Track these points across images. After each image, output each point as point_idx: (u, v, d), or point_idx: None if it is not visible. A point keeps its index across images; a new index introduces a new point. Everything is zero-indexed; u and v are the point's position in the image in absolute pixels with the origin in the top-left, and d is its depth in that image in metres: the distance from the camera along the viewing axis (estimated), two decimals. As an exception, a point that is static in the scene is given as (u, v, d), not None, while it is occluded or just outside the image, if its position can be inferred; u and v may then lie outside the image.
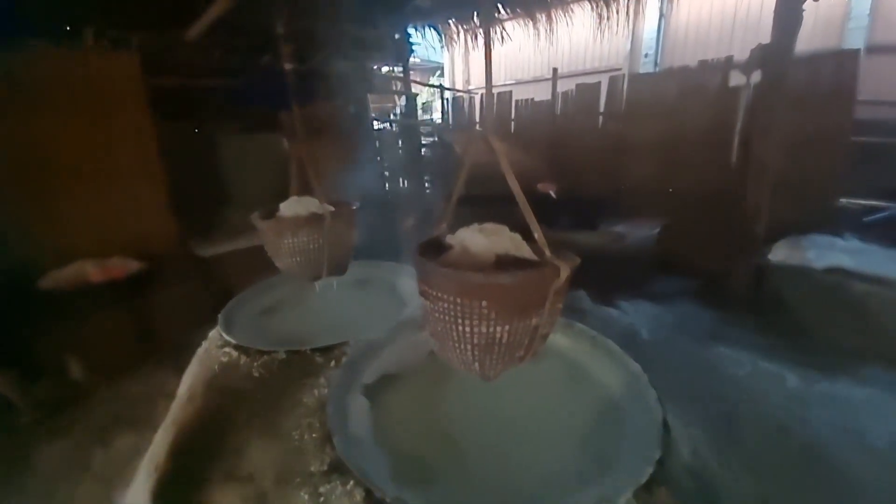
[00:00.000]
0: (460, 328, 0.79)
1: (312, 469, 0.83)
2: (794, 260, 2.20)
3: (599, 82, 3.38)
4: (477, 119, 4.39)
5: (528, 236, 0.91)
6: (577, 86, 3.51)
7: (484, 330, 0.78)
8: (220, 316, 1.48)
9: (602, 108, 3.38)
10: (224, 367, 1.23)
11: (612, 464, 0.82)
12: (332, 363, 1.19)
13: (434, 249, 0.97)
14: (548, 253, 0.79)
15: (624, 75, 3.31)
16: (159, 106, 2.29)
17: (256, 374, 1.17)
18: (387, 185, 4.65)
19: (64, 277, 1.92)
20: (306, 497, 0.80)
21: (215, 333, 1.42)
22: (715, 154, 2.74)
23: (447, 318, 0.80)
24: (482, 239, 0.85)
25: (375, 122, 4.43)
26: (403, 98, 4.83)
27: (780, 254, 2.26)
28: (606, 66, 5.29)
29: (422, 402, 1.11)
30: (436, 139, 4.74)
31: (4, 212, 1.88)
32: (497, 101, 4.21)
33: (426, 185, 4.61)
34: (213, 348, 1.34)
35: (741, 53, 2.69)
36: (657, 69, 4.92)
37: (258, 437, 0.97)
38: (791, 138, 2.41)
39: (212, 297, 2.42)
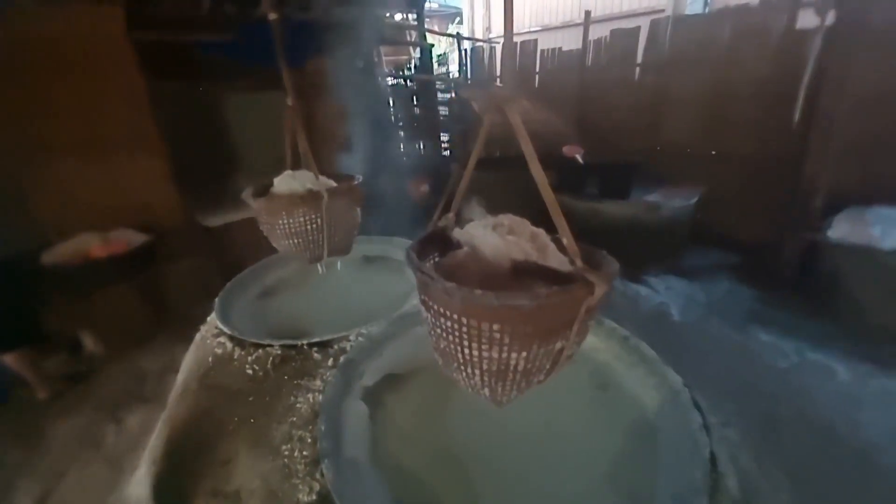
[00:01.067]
0: (467, 351, 0.65)
1: (301, 498, 0.74)
2: (855, 237, 1.93)
3: (639, 27, 2.96)
4: (497, 72, 4.01)
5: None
6: (613, 31, 3.10)
7: (496, 355, 0.63)
8: (216, 300, 1.39)
9: (640, 58, 2.99)
10: (218, 361, 1.15)
11: (646, 509, 0.70)
12: (330, 361, 1.08)
13: (436, 246, 0.81)
14: (579, 263, 0.62)
15: (668, 18, 2.89)
16: (149, 64, 2.11)
17: (250, 371, 1.08)
18: (402, 146, 4.41)
19: (67, 252, 1.87)
20: (294, 529, 0.71)
21: (213, 318, 1.34)
22: (772, 110, 2.39)
23: (451, 337, 0.66)
24: (496, 239, 0.68)
25: (388, 78, 4.11)
26: (418, 50, 4.46)
27: (840, 229, 1.99)
28: (647, 8, 4.68)
29: (427, 410, 1.00)
30: (453, 95, 4.40)
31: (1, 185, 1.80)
32: (519, 52, 3.81)
33: (444, 146, 4.35)
34: (209, 336, 1.26)
35: (815, -12, 2.26)
36: (707, 10, 4.32)
37: (248, 449, 0.88)
38: (866, 92, 2.04)
39: (221, 267, 2.37)
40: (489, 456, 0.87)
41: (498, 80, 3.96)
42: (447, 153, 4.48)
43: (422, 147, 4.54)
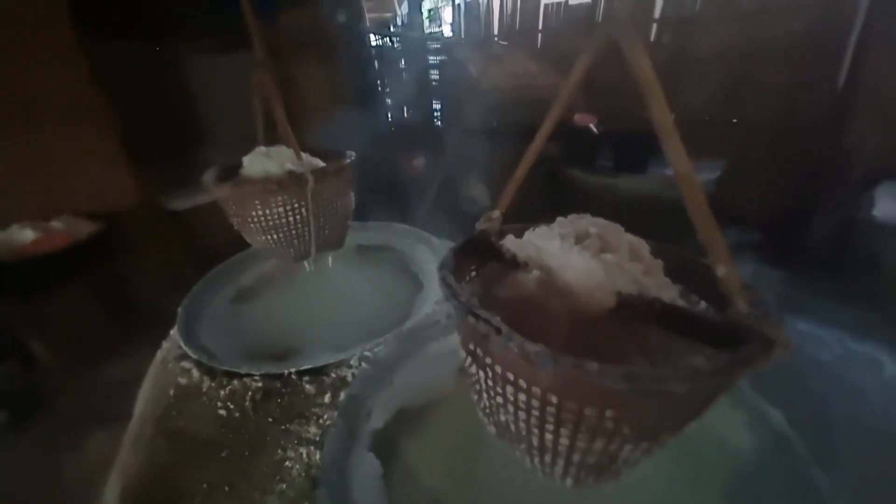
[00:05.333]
0: (549, 437, 0.42)
1: None
2: (900, 214, 1.76)
3: (657, -24, 2.64)
4: (495, 31, 3.63)
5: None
6: (627, -18, 2.76)
7: (600, 447, 0.41)
8: (179, 310, 1.13)
9: (658, 13, 2.67)
10: (181, 395, 0.91)
11: None
12: (327, 395, 0.85)
13: (479, 261, 0.57)
14: (744, 307, 0.39)
15: (691, -35, 2.56)
16: (88, 17, 1.72)
17: (223, 412, 0.84)
18: (389, 115, 4.03)
19: (-5, 247, 1.55)
20: None
21: (176, 335, 1.08)
22: (807, 72, 2.14)
23: (522, 414, 0.43)
24: (588, 262, 0.44)
25: (372, 36, 3.69)
26: (405, 5, 4.01)
27: (882, 206, 1.81)
28: (655, -42, 4.26)
29: (456, 457, 0.78)
30: (445, 57, 4.00)
31: None
32: (520, 7, 3.44)
33: (436, 115, 3.99)
34: (171, 360, 1.01)
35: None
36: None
37: (221, 532, 0.66)
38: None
39: (192, 258, 2.08)
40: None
41: (496, 38, 3.59)
42: (439, 123, 4.13)
43: (409, 115, 4.17)
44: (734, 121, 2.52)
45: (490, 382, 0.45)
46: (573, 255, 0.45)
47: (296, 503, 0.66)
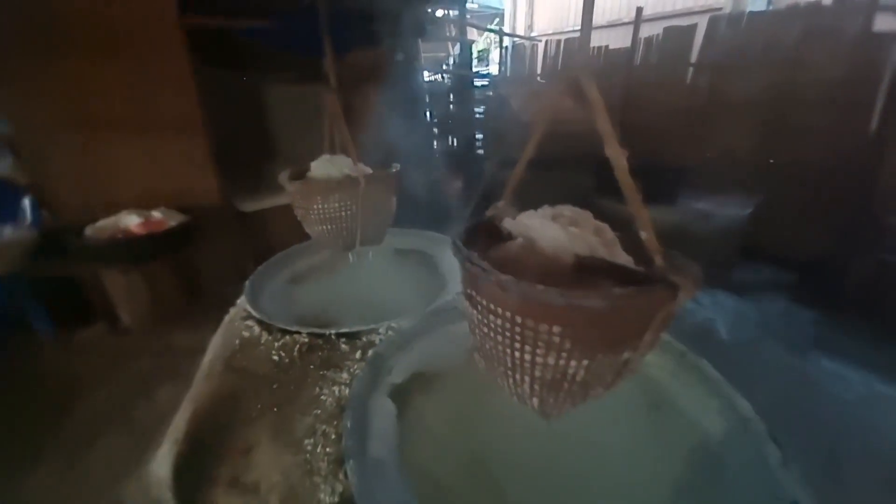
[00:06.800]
0: (517, 354, 0.58)
1: (322, 498, 0.69)
2: (941, 260, 1.73)
3: (695, 24, 2.79)
4: (538, 70, 3.90)
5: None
6: (666, 29, 2.93)
7: (552, 362, 0.55)
8: (247, 283, 1.37)
9: (694, 58, 2.81)
10: (244, 344, 1.12)
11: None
12: (358, 353, 1.03)
13: (485, 237, 0.74)
14: (660, 261, 0.54)
15: (729, 15, 2.70)
16: (198, 50, 2.15)
17: (276, 357, 1.04)
18: (435, 143, 4.36)
19: (109, 227, 1.92)
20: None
21: (243, 301, 1.32)
22: (843, 117, 2.18)
23: (500, 338, 0.59)
24: (557, 231, 0.61)
25: (426, 73, 4.08)
26: (458, 46, 4.40)
27: (921, 251, 1.78)
28: (703, 6, 4.41)
29: (458, 414, 0.93)
30: (490, 93, 4.31)
31: (53, 161, 1.87)
32: (563, 50, 3.70)
33: (477, 144, 4.27)
34: (238, 319, 1.24)
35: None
36: (770, 7, 4.03)
37: (269, 440, 0.84)
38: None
39: (253, 252, 2.39)
40: (526, 471, 0.79)
41: (538, 77, 3.85)
42: (480, 152, 4.40)
43: (455, 144, 4.48)
44: (770, 161, 2.55)
45: (479, 318, 0.62)
46: (547, 227, 0.62)
47: (326, 422, 0.83)
